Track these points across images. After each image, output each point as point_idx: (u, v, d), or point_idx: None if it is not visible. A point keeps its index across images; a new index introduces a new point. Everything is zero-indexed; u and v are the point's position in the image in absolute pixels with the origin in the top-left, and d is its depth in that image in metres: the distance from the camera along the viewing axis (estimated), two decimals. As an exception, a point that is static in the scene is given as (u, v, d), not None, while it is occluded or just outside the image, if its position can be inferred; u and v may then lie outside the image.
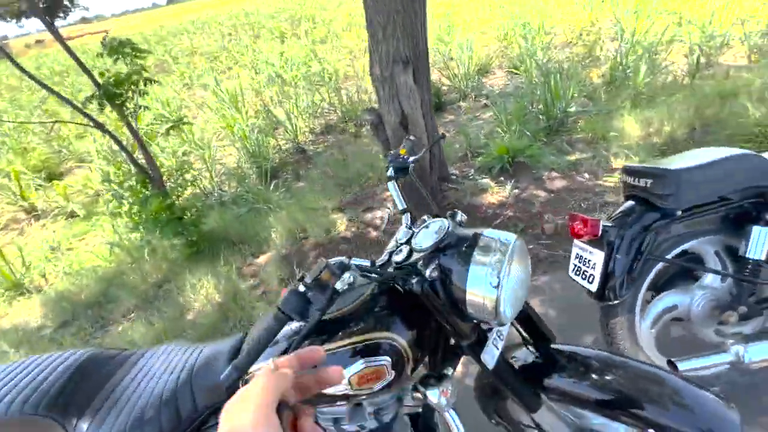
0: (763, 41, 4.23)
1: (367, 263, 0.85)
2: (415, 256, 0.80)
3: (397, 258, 0.82)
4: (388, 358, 0.79)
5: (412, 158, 1.09)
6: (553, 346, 0.97)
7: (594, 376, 0.90)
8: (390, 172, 1.06)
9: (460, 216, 0.88)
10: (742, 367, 1.20)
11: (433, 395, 0.84)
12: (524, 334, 0.98)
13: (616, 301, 1.26)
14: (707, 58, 4.21)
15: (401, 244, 0.85)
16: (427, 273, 0.75)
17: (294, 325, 0.86)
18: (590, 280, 1.25)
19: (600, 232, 1.22)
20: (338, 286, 0.72)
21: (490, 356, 0.83)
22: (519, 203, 2.73)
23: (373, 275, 0.79)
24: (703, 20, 4.58)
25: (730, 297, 1.27)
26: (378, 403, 0.88)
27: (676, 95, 3.56)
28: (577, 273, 1.31)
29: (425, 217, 0.89)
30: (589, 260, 1.26)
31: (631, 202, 1.30)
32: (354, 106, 5.13)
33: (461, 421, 0.97)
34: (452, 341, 0.90)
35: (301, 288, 0.77)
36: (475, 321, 0.83)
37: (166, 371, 0.91)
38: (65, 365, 0.89)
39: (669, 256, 1.26)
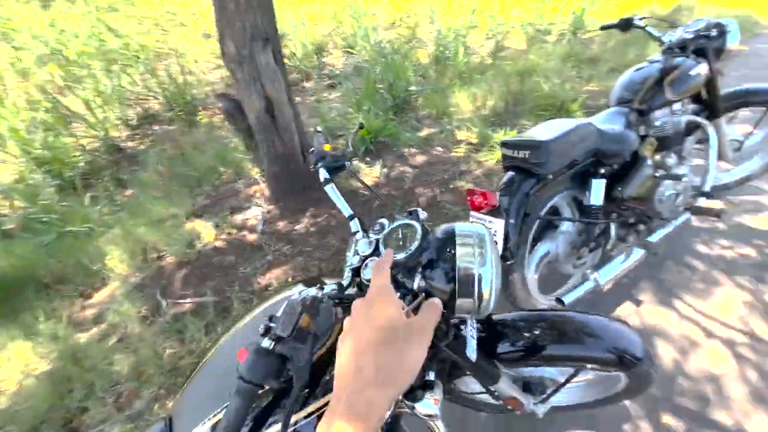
0: (533, 29, 5.43)
1: (334, 287, 0.72)
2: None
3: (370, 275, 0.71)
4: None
5: (347, 152, 0.96)
6: (493, 317, 1.05)
7: (526, 334, 1.01)
8: (324, 174, 0.91)
9: (422, 214, 0.83)
10: (599, 290, 1.58)
11: (425, 406, 0.79)
12: None
13: (512, 260, 1.45)
14: (499, 43, 5.16)
15: (367, 257, 0.75)
16: (415, 285, 0.68)
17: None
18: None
19: (498, 203, 1.36)
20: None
21: (471, 349, 0.83)
22: (392, 182, 2.85)
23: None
24: (491, 10, 5.56)
25: (582, 237, 1.63)
26: None
27: (486, 73, 4.26)
28: None
29: (382, 220, 0.80)
30: (490, 229, 1.40)
31: (511, 173, 1.49)
32: (181, 90, 4.32)
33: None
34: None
35: (266, 344, 0.60)
36: (452, 320, 0.81)
37: None
38: None
39: (542, 214, 1.51)
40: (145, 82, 4.47)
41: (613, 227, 1.66)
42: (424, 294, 0.65)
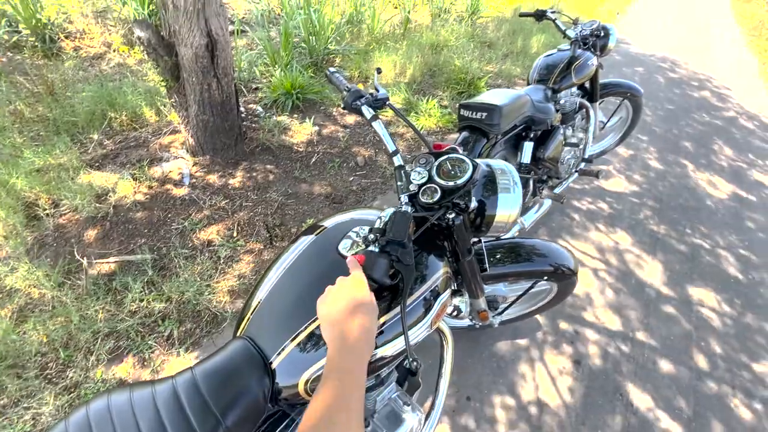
0: (435, 7, 5.77)
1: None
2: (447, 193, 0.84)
3: (431, 199, 0.83)
4: (448, 291, 0.86)
5: (382, 91, 1.01)
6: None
7: (498, 256, 1.28)
8: (369, 111, 0.96)
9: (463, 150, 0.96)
10: (525, 232, 1.98)
11: (460, 302, 0.98)
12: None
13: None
14: (407, 15, 5.36)
15: (422, 185, 0.86)
16: (471, 206, 0.83)
17: None
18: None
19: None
20: None
21: (486, 263, 1.04)
22: (326, 140, 2.85)
23: (430, 214, 0.80)
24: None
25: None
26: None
27: (400, 43, 4.44)
28: None
29: (422, 157, 0.91)
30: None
31: (466, 132, 1.72)
32: (30, 10, 3.36)
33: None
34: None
35: (374, 249, 0.69)
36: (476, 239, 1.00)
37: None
38: None
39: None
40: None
41: (531, 182, 2.07)
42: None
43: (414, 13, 5.70)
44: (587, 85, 2.38)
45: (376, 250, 0.69)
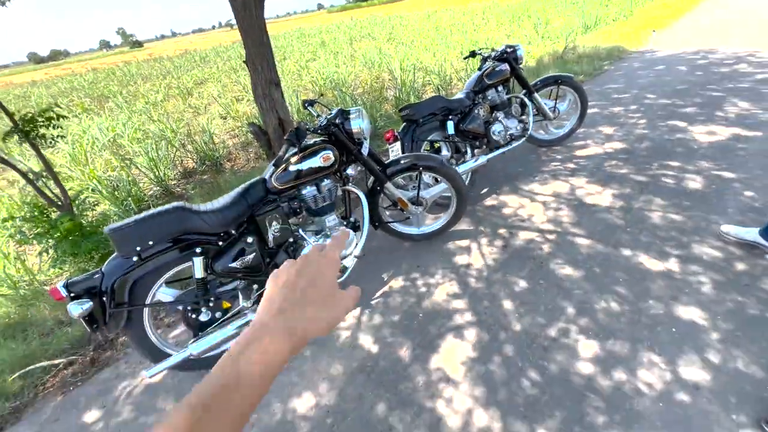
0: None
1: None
2: None
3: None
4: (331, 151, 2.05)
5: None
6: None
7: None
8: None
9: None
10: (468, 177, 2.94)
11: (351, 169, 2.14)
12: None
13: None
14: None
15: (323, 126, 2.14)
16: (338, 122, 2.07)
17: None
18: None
19: (396, 135, 2.77)
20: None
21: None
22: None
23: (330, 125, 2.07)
24: (438, 69, 7.48)
25: (449, 149, 3.02)
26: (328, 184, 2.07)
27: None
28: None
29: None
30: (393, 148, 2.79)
31: (404, 123, 2.92)
32: (209, 151, 5.95)
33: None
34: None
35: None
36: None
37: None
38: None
39: (425, 141, 2.91)
40: (183, 148, 6.15)
41: (466, 146, 3.06)
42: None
43: (454, 90, 7.30)
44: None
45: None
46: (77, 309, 1.53)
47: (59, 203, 3.11)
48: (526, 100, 3.32)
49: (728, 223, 2.32)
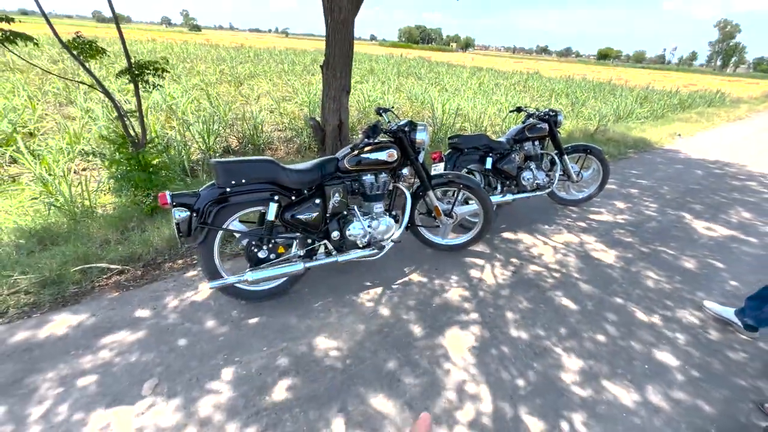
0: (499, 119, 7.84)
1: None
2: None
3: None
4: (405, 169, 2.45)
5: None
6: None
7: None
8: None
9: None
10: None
11: (405, 170, 2.53)
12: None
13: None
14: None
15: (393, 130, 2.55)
16: (406, 129, 2.49)
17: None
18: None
19: (442, 157, 3.18)
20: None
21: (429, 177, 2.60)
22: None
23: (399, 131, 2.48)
24: (475, 119, 8.08)
25: (486, 180, 3.42)
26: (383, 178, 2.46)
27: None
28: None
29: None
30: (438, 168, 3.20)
31: (450, 150, 3.34)
32: (254, 136, 6.44)
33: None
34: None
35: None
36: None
37: None
38: None
39: (465, 168, 3.33)
40: (231, 128, 6.65)
41: (498, 182, 3.46)
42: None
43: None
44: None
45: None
46: (179, 214, 1.89)
47: (136, 141, 3.53)
48: (556, 159, 3.76)
49: (711, 300, 2.65)
